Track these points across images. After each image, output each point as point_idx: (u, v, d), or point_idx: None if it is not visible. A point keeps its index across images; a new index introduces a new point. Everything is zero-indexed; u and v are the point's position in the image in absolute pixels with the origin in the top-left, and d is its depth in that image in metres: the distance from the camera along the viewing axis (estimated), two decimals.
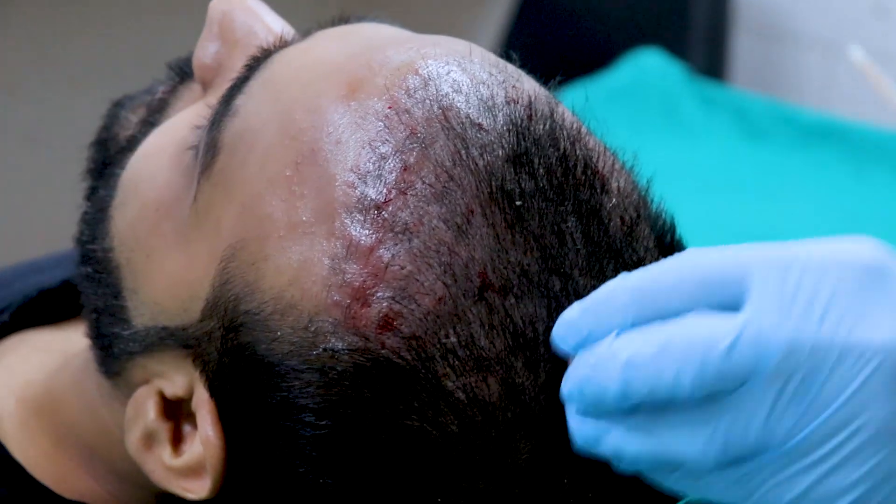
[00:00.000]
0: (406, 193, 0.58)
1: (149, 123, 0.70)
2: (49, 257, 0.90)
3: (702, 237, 2.10)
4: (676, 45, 2.26)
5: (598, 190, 0.61)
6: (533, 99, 0.62)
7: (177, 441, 0.63)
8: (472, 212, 0.58)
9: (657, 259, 0.61)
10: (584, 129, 0.63)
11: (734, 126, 2.13)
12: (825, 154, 2.06)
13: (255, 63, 0.65)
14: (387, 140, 0.59)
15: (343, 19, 0.67)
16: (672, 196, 2.25)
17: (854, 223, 1.91)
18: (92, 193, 0.70)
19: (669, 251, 0.63)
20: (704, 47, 2.31)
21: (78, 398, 0.70)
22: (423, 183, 0.58)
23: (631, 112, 2.11)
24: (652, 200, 0.64)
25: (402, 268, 0.58)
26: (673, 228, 0.64)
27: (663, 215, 0.64)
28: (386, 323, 0.57)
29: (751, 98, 2.19)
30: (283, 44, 0.66)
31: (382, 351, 0.57)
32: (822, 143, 2.07)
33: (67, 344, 0.74)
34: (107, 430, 0.68)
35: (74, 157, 0.73)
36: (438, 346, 0.57)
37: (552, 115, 0.62)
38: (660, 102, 2.14)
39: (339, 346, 0.58)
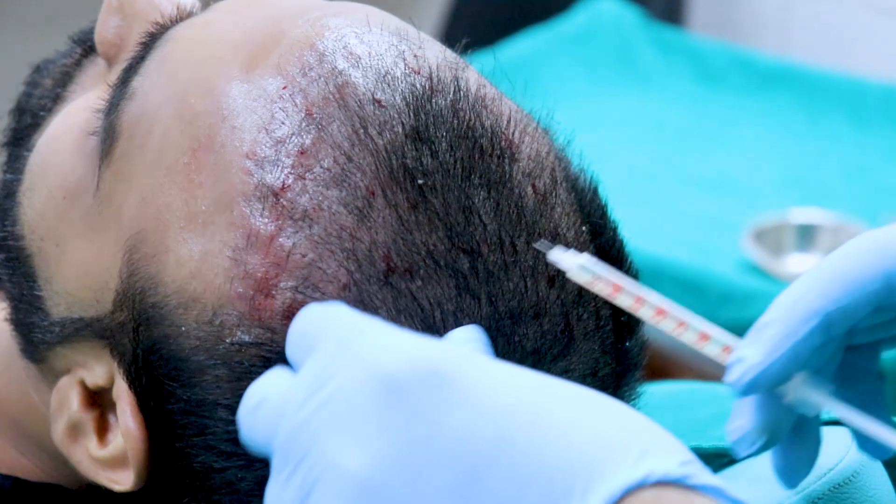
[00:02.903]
0: (304, 178, 0.56)
1: (55, 97, 0.67)
2: None
3: (656, 182, 2.10)
4: None
5: (507, 159, 0.58)
6: (434, 68, 0.59)
7: (103, 431, 0.61)
8: (373, 194, 0.56)
9: (575, 224, 0.59)
10: (491, 94, 0.60)
11: (690, 71, 2.12)
12: (781, 99, 2.05)
13: (151, 40, 0.63)
14: (282, 123, 0.57)
15: None
16: (627, 141, 2.24)
17: (809, 168, 1.90)
18: (7, 167, 0.68)
19: (590, 210, 0.61)
20: None
21: (6, 376, 0.68)
22: (321, 166, 0.56)
23: (587, 58, 2.10)
24: (571, 160, 0.62)
25: (304, 256, 0.56)
26: (595, 187, 0.62)
27: (584, 175, 0.61)
28: (291, 313, 0.55)
29: (707, 43, 2.18)
30: (182, 16, 0.64)
31: None
32: (779, 88, 2.05)
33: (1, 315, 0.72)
34: (35, 409, 0.66)
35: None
36: None
37: (456, 83, 0.59)
38: (616, 48, 2.12)
39: (246, 340, 0.56)
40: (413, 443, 0.46)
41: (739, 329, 1.86)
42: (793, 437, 0.56)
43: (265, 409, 0.50)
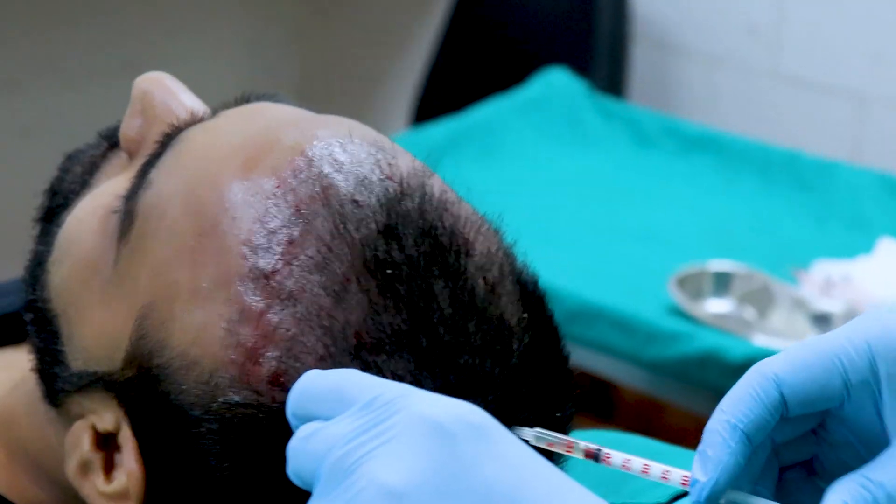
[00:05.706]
0: (291, 264, 0.58)
1: (83, 182, 0.69)
2: (13, 281, 0.89)
3: (595, 232, 2.10)
4: (583, 64, 2.25)
5: (463, 254, 0.60)
6: (405, 175, 0.61)
7: (109, 469, 0.63)
8: (348, 280, 0.58)
9: (519, 311, 0.61)
10: (452, 199, 0.62)
11: (628, 135, 2.13)
12: (703, 161, 2.06)
13: (167, 140, 0.65)
14: (275, 216, 0.59)
15: (244, 99, 0.67)
16: (573, 196, 2.24)
17: (724, 222, 1.92)
18: (40, 240, 0.69)
19: (531, 300, 0.63)
20: (607, 66, 2.31)
21: (29, 417, 0.69)
22: (306, 255, 0.58)
23: (539, 123, 2.11)
24: (517, 256, 0.63)
25: (288, 330, 0.58)
26: (535, 280, 0.63)
27: (526, 269, 0.63)
28: (275, 379, 0.57)
29: (643, 111, 2.19)
30: (194, 120, 0.66)
31: (273, 404, 0.57)
32: (701, 152, 2.07)
33: (28, 363, 0.74)
34: (52, 448, 0.67)
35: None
36: None
37: (423, 188, 0.61)
38: (564, 114, 2.14)
39: (236, 399, 0.58)
40: (449, 475, 0.49)
41: (664, 365, 1.88)
42: None
43: (316, 439, 0.52)
